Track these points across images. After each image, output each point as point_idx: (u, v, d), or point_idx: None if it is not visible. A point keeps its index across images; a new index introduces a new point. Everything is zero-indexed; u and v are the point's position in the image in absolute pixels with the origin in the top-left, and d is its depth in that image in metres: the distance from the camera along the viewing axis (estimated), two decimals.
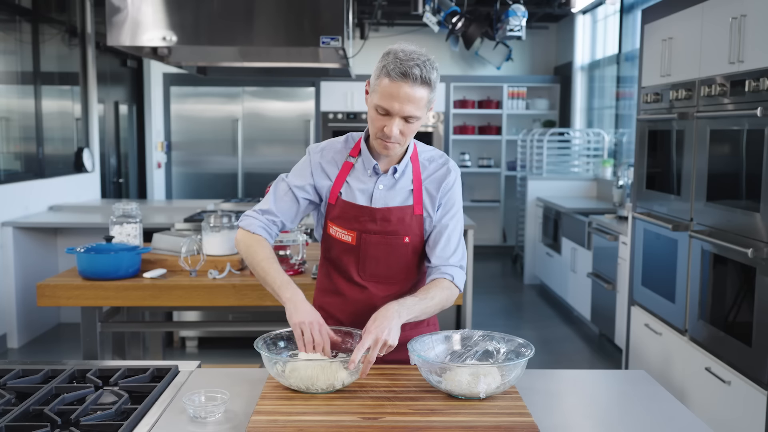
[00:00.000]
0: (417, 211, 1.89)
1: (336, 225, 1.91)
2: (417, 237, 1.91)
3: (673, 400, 1.72)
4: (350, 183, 1.90)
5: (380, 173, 1.89)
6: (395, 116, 1.73)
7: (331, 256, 1.97)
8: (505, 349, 1.76)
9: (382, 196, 1.88)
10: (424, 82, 1.71)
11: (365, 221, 1.88)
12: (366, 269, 1.92)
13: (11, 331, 4.96)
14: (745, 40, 2.96)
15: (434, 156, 1.95)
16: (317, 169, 1.93)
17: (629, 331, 4.22)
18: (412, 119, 1.75)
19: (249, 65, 4.90)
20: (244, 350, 4.71)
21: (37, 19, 5.61)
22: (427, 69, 1.72)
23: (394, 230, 1.88)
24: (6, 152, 5.32)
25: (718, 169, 3.21)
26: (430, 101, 1.77)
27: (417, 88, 1.71)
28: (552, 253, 6.59)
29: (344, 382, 1.64)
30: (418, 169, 1.91)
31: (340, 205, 1.90)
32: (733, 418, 3.01)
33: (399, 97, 1.71)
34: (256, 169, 8.46)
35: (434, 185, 1.91)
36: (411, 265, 1.94)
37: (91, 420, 1.48)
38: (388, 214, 1.87)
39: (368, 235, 1.88)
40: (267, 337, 1.78)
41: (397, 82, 1.70)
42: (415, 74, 1.69)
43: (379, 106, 1.74)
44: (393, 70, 1.71)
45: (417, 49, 1.75)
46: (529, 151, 7.41)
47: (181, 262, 3.05)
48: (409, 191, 1.90)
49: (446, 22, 6.51)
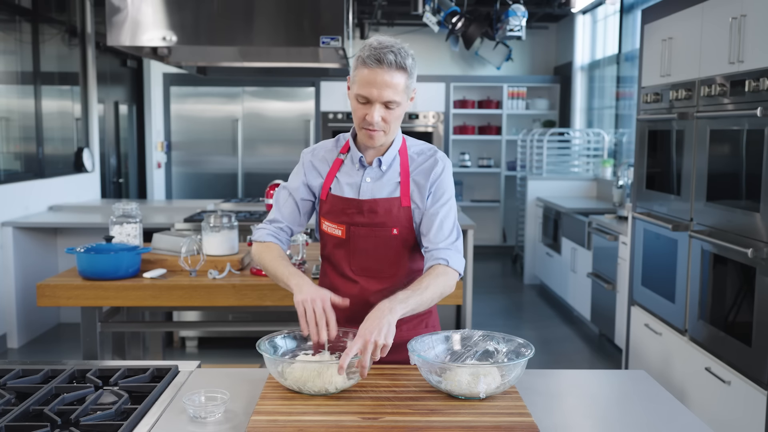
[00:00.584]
0: (404, 203, 1.91)
1: (327, 220, 1.96)
2: (406, 229, 1.92)
3: (673, 400, 1.72)
4: (339, 178, 1.95)
5: (366, 165, 1.92)
6: (375, 103, 1.79)
7: (326, 252, 2.02)
8: (505, 349, 1.77)
9: (369, 189, 1.92)
10: (400, 67, 1.77)
11: (353, 213, 1.91)
12: (356, 262, 1.94)
13: (11, 331, 4.96)
14: (745, 40, 2.96)
15: (423, 149, 1.98)
16: (309, 169, 1.99)
17: (629, 331, 4.22)
18: (392, 104, 1.80)
19: (249, 65, 4.90)
20: (244, 350, 4.71)
21: (37, 19, 5.61)
22: (402, 55, 1.77)
23: (381, 222, 1.90)
24: (6, 152, 5.32)
25: (718, 169, 3.21)
26: (409, 87, 1.82)
27: (393, 74, 1.76)
28: (552, 253, 6.59)
29: (338, 387, 1.61)
30: (407, 162, 1.94)
31: (329, 199, 1.95)
32: (733, 418, 3.01)
33: (376, 83, 1.76)
34: (256, 169, 8.46)
35: (422, 176, 1.93)
36: (402, 259, 1.94)
37: (91, 420, 1.47)
38: (375, 205, 1.90)
39: (356, 227, 1.91)
40: (270, 337, 1.78)
41: (373, 69, 1.76)
42: (390, 59, 1.75)
43: (359, 95, 1.80)
44: (368, 57, 1.77)
45: (391, 39, 1.81)
46: (529, 151, 7.41)
47: (181, 262, 3.05)
48: (396, 183, 1.92)
49: (446, 22, 6.51)
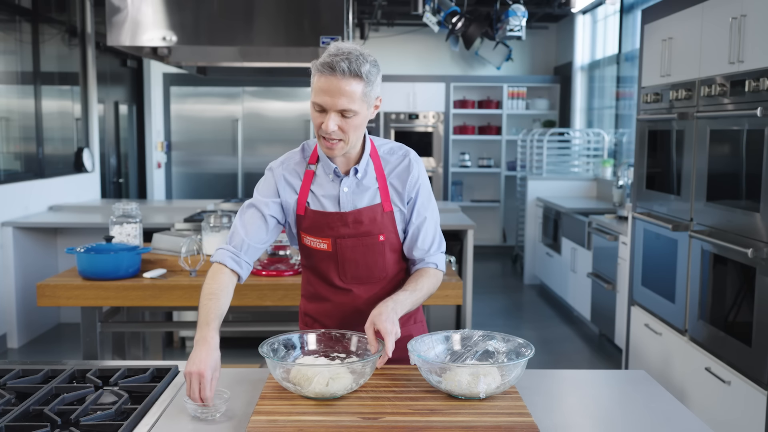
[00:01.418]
0: (386, 208, 1.89)
1: (309, 235, 1.90)
2: (392, 234, 1.91)
3: (673, 400, 1.72)
4: (315, 191, 1.88)
5: (342, 176, 1.87)
6: (330, 111, 1.72)
7: (311, 264, 1.96)
8: (505, 349, 1.76)
9: (350, 199, 1.87)
10: (354, 74, 1.69)
11: (338, 227, 1.87)
12: (346, 273, 1.91)
13: (11, 331, 4.96)
14: (745, 40, 2.96)
15: (393, 148, 1.94)
16: (283, 184, 1.90)
17: (629, 331, 4.22)
18: (348, 113, 1.72)
19: (249, 65, 4.90)
20: (244, 350, 4.71)
21: (37, 19, 5.60)
22: (358, 63, 1.69)
23: (367, 231, 1.87)
24: (6, 152, 5.32)
25: (718, 169, 3.21)
26: (368, 95, 1.74)
27: (347, 81, 1.69)
28: (552, 253, 6.59)
29: (335, 395, 1.60)
30: (380, 165, 1.90)
31: (309, 215, 1.88)
32: (733, 418, 3.01)
33: (330, 91, 1.69)
34: (256, 169, 8.45)
35: (398, 180, 1.90)
36: (390, 263, 1.94)
37: (91, 420, 1.48)
38: (359, 215, 1.86)
39: (343, 239, 1.87)
40: (272, 340, 1.76)
41: (327, 76, 1.69)
42: (343, 67, 1.68)
43: (315, 103, 1.73)
44: (321, 65, 1.70)
45: (350, 45, 1.74)
46: (529, 151, 7.41)
47: (181, 262, 3.05)
48: (375, 189, 1.88)
49: (446, 22, 6.52)
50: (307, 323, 2.01)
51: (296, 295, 2.94)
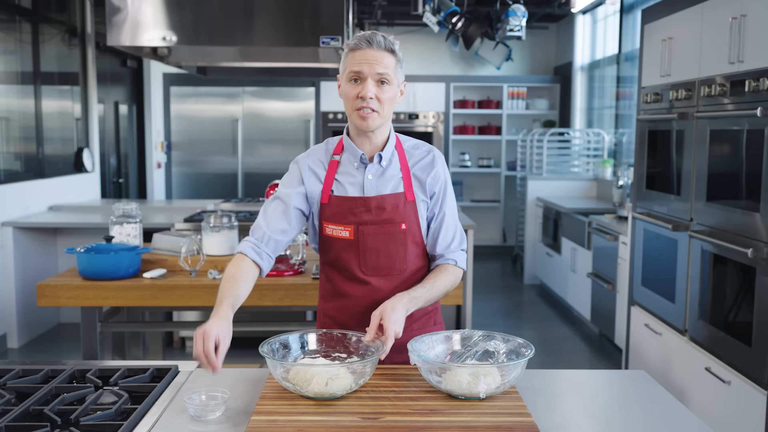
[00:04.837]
0: (409, 197, 1.91)
1: (331, 223, 1.92)
2: (413, 224, 1.92)
3: (673, 400, 1.72)
4: (339, 179, 1.93)
5: (367, 162, 1.91)
6: (368, 78, 1.81)
7: (330, 257, 1.96)
8: (505, 349, 1.76)
9: (374, 185, 1.91)
10: (389, 49, 1.83)
11: (360, 212, 1.89)
12: (367, 263, 1.92)
13: (11, 331, 4.96)
14: (745, 40, 2.96)
15: (418, 144, 2.00)
16: (307, 173, 1.94)
17: (629, 331, 4.22)
18: (385, 81, 1.82)
19: (249, 65, 4.90)
20: (244, 350, 4.69)
21: (37, 19, 5.60)
22: (389, 41, 1.84)
23: (389, 218, 1.90)
24: (6, 152, 5.32)
25: (718, 169, 3.21)
26: (398, 73, 1.86)
27: (383, 53, 1.82)
28: (552, 253, 6.59)
29: (335, 395, 1.59)
30: (404, 157, 1.95)
31: (333, 202, 1.91)
32: (733, 418, 3.01)
33: (368, 59, 1.81)
34: (256, 169, 8.46)
35: (422, 172, 1.94)
36: (411, 256, 1.94)
37: (91, 420, 1.48)
38: (382, 202, 1.89)
39: (365, 226, 1.89)
40: (272, 340, 1.76)
41: (363, 50, 1.82)
42: (379, 40, 1.82)
43: (352, 72, 1.82)
44: (359, 38, 1.83)
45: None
46: (529, 151, 7.41)
47: (181, 262, 3.05)
48: (399, 178, 1.92)
49: (446, 22, 6.52)
50: (326, 324, 2.00)
51: (296, 295, 2.94)
